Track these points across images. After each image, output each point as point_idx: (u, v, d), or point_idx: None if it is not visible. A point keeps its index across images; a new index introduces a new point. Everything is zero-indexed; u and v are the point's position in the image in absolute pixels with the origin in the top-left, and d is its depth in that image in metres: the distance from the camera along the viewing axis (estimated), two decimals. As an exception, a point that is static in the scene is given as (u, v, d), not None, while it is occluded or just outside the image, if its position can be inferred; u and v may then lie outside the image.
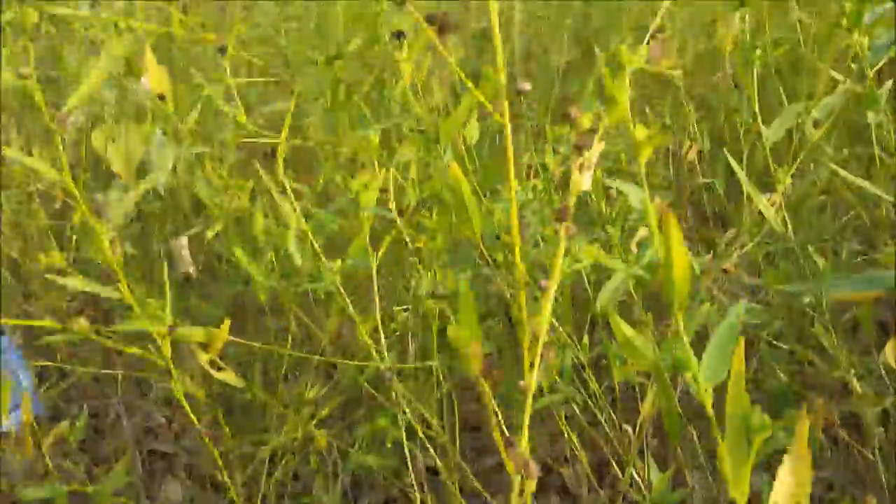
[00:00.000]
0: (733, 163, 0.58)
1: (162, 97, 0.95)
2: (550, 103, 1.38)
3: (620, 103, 0.40)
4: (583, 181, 0.40)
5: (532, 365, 0.41)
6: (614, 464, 0.75)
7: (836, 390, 0.80)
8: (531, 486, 0.43)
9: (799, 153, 0.63)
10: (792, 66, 1.09)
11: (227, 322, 0.78)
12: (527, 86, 0.48)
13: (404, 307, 0.86)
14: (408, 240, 0.82)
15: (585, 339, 0.74)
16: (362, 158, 1.03)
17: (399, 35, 0.75)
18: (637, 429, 0.66)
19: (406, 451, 0.83)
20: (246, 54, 1.37)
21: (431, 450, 0.87)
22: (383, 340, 0.84)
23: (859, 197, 0.93)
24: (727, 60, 0.76)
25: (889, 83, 0.58)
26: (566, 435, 0.72)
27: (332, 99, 0.93)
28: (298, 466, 0.97)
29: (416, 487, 0.84)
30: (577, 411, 0.76)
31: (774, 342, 0.81)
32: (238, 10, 2.83)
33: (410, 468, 0.86)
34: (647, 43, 1.08)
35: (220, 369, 0.87)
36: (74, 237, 1.25)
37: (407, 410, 0.83)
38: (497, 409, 0.43)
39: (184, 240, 1.26)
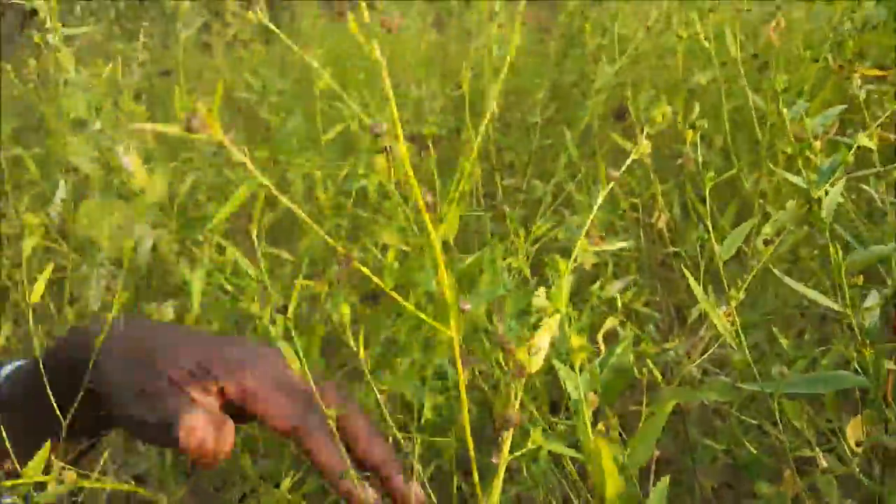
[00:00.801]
0: (691, 279, 0.61)
1: (142, 191, 0.97)
2: (530, 157, 1.42)
3: (560, 304, 0.42)
4: (532, 366, 0.42)
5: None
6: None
7: (805, 460, 0.82)
8: None
9: (752, 265, 0.66)
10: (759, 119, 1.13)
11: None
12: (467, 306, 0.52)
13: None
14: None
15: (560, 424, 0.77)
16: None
17: (385, 150, 0.78)
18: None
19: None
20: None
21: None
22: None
23: (822, 263, 0.96)
24: (689, 145, 0.79)
25: (838, 188, 0.61)
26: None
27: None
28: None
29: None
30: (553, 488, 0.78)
31: (742, 416, 0.83)
32: (222, 53, 2.85)
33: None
34: (617, 116, 1.10)
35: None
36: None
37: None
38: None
39: (168, 308, 1.28)
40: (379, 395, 0.87)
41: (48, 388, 0.55)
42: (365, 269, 0.44)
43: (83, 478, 0.53)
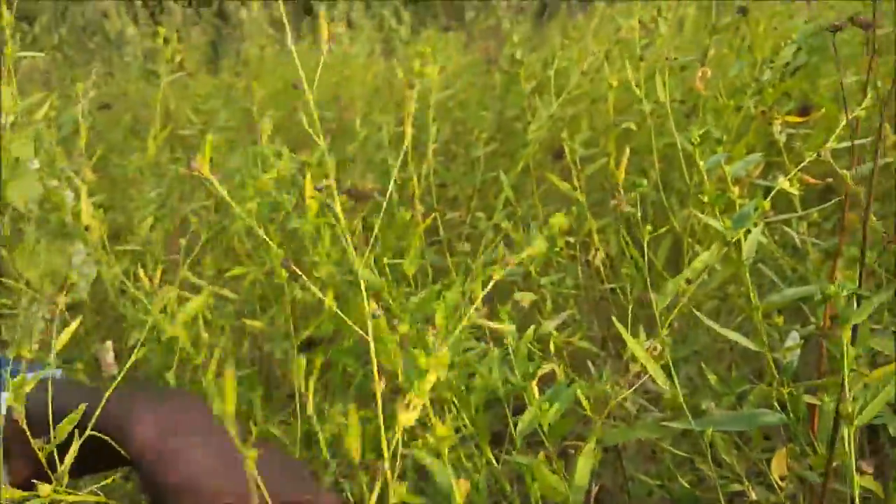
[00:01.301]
0: (621, 328, 0.63)
1: (87, 228, 0.96)
2: (473, 191, 1.43)
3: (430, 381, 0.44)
4: (408, 419, 0.44)
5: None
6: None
7: (738, 492, 0.85)
8: None
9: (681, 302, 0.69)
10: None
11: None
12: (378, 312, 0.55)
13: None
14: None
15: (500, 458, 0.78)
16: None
17: (326, 206, 0.79)
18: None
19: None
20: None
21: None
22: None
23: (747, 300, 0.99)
24: (622, 188, 0.81)
25: (756, 233, 0.64)
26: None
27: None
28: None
29: None
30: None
31: (676, 451, 0.86)
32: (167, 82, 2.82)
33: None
34: (555, 155, 1.12)
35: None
36: None
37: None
38: None
39: (108, 344, 1.26)
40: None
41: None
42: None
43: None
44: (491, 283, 0.67)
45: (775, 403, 0.64)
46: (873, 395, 0.54)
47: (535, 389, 0.74)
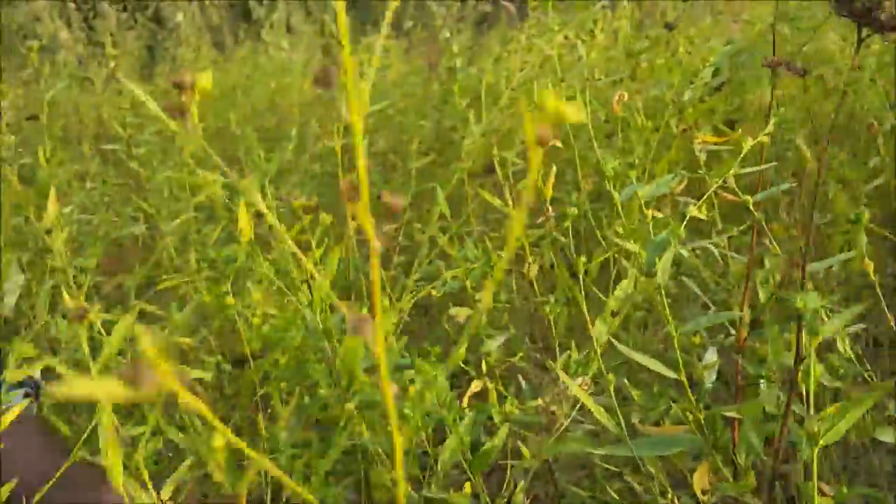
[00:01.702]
0: (558, 370, 0.64)
1: (49, 231, 0.94)
2: (409, 204, 1.43)
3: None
4: None
5: None
6: None
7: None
8: None
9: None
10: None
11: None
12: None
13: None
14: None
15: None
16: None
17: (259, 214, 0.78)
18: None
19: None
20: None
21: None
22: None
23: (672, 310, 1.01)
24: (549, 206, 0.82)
25: (668, 260, 0.66)
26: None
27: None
28: None
29: None
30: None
31: (605, 464, 0.87)
32: (100, 88, 2.76)
33: None
34: (488, 170, 1.13)
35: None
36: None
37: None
38: None
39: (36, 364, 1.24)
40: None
41: None
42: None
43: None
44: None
45: (693, 423, 0.66)
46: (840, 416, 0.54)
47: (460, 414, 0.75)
